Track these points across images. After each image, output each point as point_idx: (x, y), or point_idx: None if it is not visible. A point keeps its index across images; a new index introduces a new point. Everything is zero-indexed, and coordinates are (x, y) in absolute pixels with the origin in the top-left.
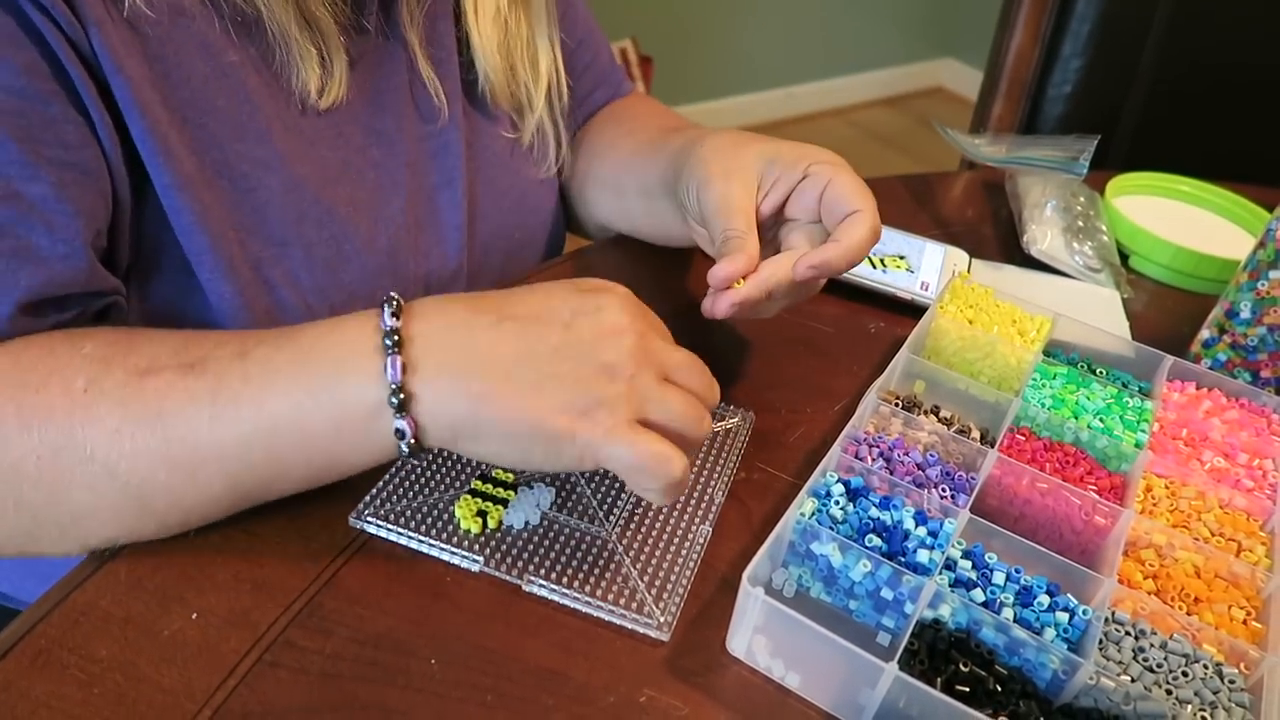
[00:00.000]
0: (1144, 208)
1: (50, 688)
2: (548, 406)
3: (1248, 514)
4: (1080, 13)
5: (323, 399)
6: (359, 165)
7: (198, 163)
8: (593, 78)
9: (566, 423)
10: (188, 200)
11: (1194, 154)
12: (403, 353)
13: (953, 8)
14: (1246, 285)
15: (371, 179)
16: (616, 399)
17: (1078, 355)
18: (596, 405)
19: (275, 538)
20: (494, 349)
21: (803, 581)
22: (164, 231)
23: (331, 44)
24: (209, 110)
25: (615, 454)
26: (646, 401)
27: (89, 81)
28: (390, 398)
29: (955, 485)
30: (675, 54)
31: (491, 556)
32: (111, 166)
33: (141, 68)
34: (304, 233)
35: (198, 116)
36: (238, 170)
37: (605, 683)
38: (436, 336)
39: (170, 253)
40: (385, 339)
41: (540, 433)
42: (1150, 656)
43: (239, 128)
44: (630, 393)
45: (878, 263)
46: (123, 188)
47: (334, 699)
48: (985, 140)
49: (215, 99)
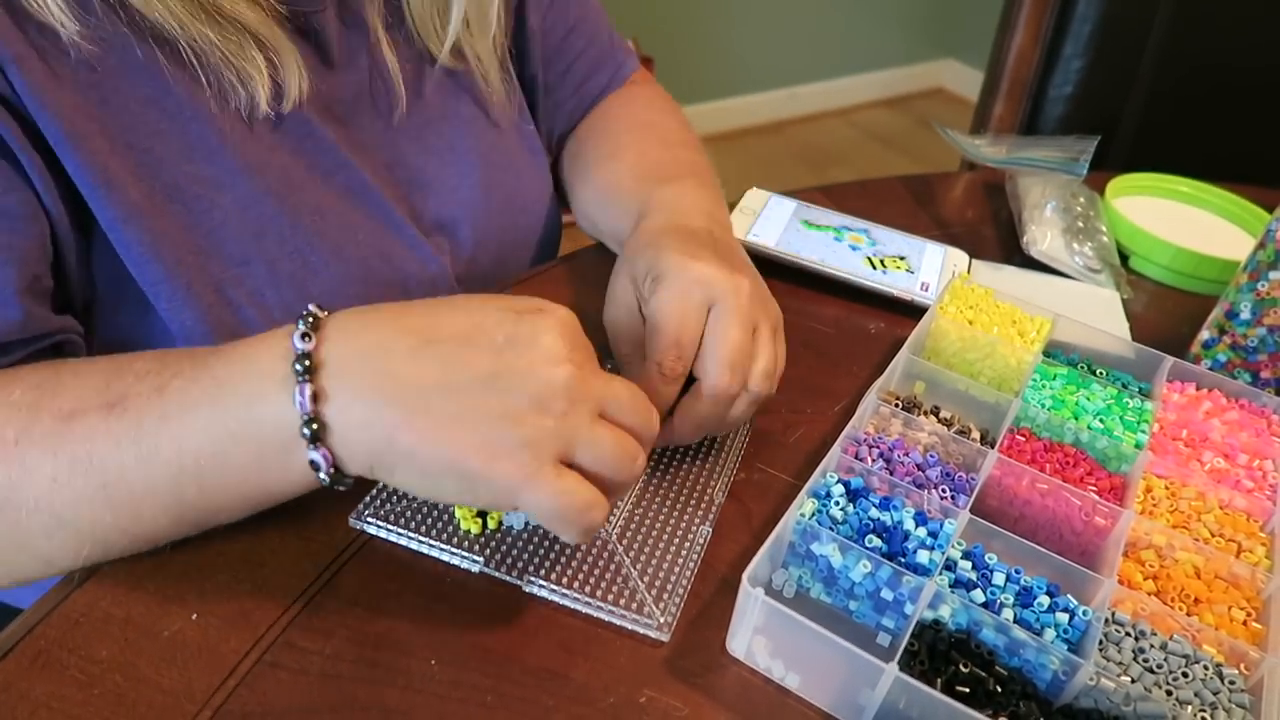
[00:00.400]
0: (1144, 208)
1: (50, 688)
2: (466, 443)
3: (1248, 515)
4: (1081, 14)
5: (239, 434)
6: (325, 168)
7: (146, 190)
8: (589, 61)
9: (483, 462)
10: (136, 232)
11: (1194, 155)
12: (314, 379)
13: (954, 8)
14: (1246, 286)
15: (339, 183)
16: (542, 439)
17: (1078, 356)
18: (519, 445)
19: (275, 538)
20: (414, 376)
21: (803, 582)
22: (118, 265)
23: (278, 44)
24: (153, 134)
25: (533, 501)
26: (575, 443)
27: (11, 123)
28: (302, 429)
29: (955, 486)
30: (676, 54)
31: (491, 557)
32: (47, 207)
33: (74, 97)
34: (266, 248)
35: (141, 141)
36: (189, 192)
37: (605, 683)
38: (352, 362)
39: (128, 286)
40: (295, 364)
41: (455, 470)
42: (1150, 657)
43: (186, 148)
44: (558, 431)
45: (878, 263)
46: (62, 227)
47: (334, 699)
48: (985, 141)
49: (158, 122)
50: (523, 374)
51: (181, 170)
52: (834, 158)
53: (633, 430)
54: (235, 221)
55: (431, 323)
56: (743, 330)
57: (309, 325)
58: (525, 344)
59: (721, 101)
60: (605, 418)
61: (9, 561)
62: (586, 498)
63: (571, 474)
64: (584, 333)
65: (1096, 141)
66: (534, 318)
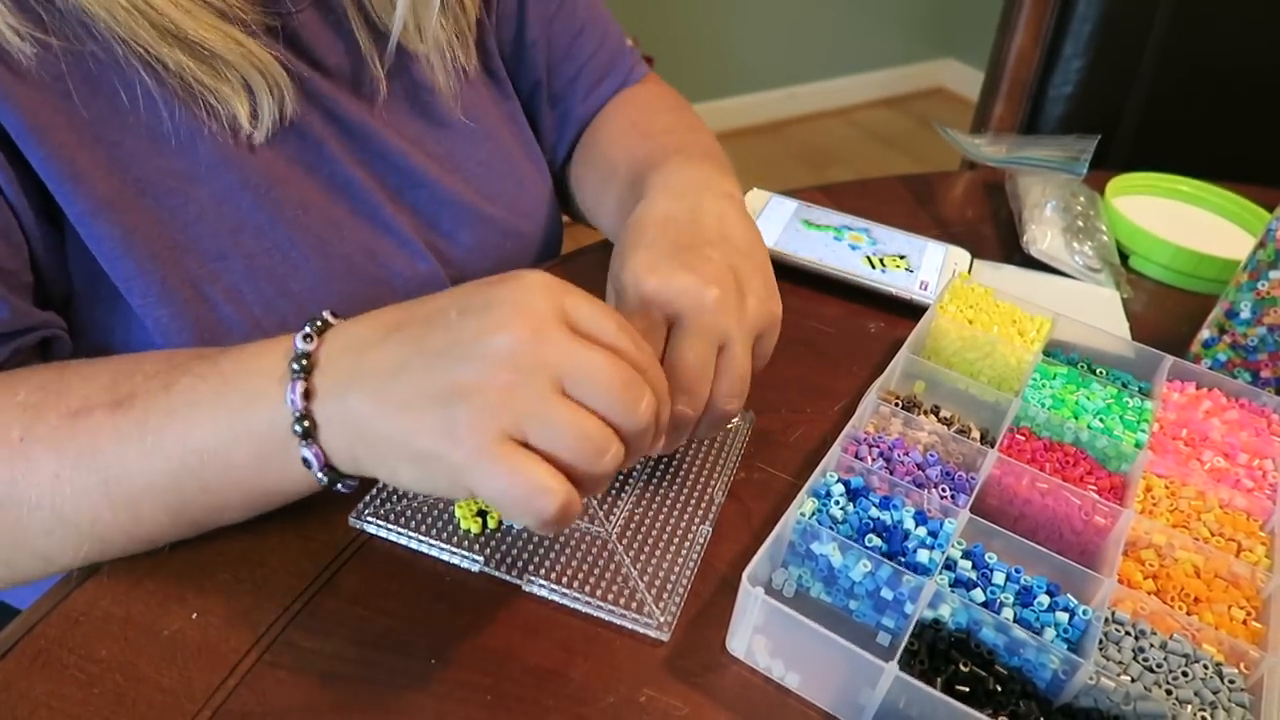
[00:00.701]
0: (1144, 208)
1: (50, 688)
2: (417, 424)
3: (1248, 514)
4: (1081, 13)
5: (240, 430)
6: (309, 162)
7: (116, 184)
8: (598, 67)
9: (431, 442)
10: (107, 226)
11: (1195, 154)
12: (308, 378)
13: (954, 8)
14: (1246, 285)
15: (324, 177)
16: (481, 412)
17: (1078, 355)
18: (459, 422)
19: (275, 538)
20: (380, 363)
21: (803, 581)
22: (92, 261)
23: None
24: (124, 126)
25: (481, 482)
26: (524, 416)
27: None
28: (294, 425)
29: (955, 485)
30: (676, 54)
31: (492, 556)
32: (11, 201)
33: (37, 90)
34: (242, 242)
35: (110, 134)
36: (162, 186)
37: (605, 683)
38: (336, 358)
39: (104, 280)
40: (293, 363)
41: (411, 453)
42: (1150, 656)
43: (157, 141)
44: (505, 404)
45: (877, 262)
46: (28, 221)
47: (334, 699)
48: (985, 140)
49: (127, 115)
50: (468, 344)
51: (152, 164)
52: (834, 158)
53: (606, 415)
54: (211, 216)
55: (408, 311)
56: (701, 349)
57: (315, 328)
58: (478, 313)
59: (721, 101)
60: (570, 395)
61: (7, 560)
62: (543, 481)
63: (525, 454)
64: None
65: (1096, 141)
66: (496, 286)
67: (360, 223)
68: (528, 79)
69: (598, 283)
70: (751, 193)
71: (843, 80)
